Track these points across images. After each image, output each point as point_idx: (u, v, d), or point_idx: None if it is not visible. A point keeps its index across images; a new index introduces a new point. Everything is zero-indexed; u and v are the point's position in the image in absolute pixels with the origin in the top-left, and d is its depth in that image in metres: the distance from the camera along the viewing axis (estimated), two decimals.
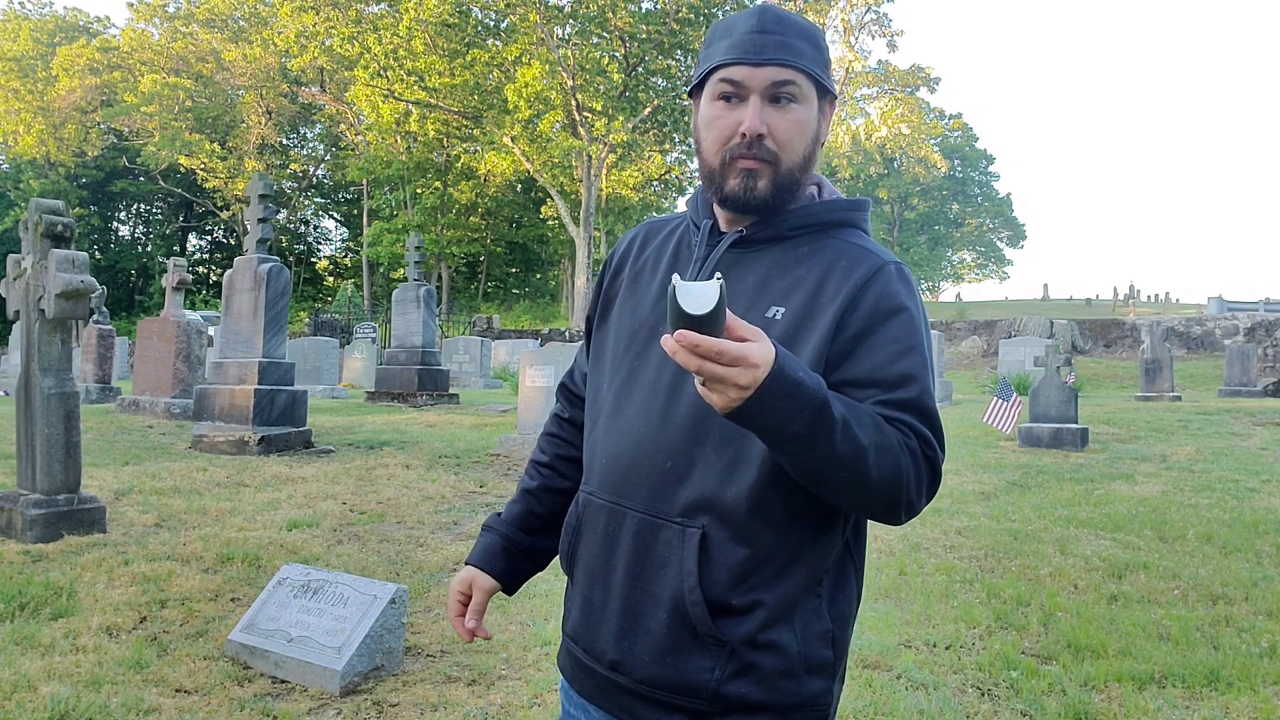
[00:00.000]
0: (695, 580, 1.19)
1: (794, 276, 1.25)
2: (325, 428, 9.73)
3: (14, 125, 41.77)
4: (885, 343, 1.19)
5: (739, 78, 1.23)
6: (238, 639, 3.41)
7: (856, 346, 1.19)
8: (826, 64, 1.29)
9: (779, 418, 1.04)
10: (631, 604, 1.24)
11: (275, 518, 5.52)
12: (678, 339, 0.97)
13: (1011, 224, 61.37)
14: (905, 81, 42.84)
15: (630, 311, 1.36)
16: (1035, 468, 8.46)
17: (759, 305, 1.24)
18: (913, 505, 1.16)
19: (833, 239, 1.29)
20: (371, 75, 33.58)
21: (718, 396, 1.02)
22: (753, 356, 1.00)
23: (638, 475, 1.25)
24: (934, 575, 4.77)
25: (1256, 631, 3.92)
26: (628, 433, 1.28)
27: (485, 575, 1.46)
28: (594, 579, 1.30)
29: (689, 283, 0.98)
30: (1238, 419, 12.59)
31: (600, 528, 1.29)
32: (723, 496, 1.19)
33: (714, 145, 1.26)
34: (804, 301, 1.22)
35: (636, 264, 1.41)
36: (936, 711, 3.09)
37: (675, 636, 1.20)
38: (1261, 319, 25.55)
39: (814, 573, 1.22)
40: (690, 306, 0.97)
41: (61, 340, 5.09)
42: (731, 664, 1.19)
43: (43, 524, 4.79)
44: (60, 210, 5.24)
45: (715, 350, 0.97)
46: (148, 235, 51.45)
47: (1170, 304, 47.67)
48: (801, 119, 1.26)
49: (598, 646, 1.28)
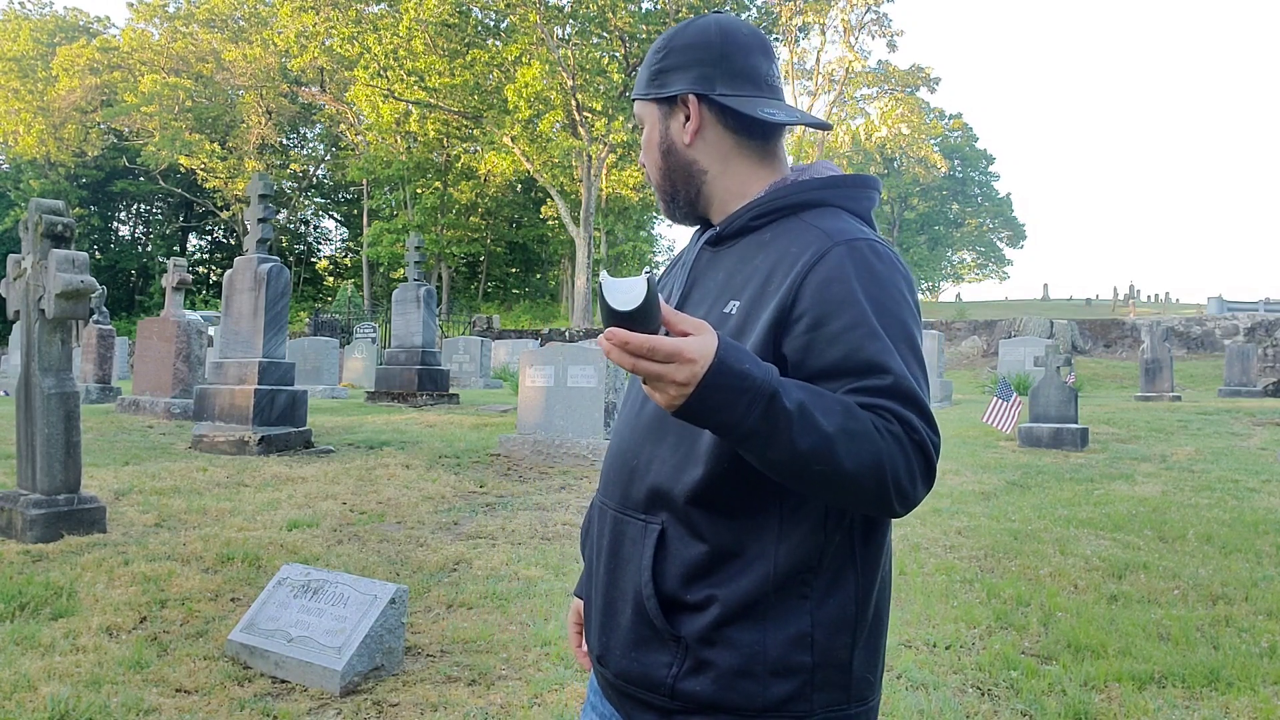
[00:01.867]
0: (649, 575, 1.19)
1: (751, 268, 1.22)
2: (325, 428, 9.73)
3: (14, 125, 41.78)
4: (841, 332, 1.11)
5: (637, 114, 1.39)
6: (238, 639, 3.41)
7: (813, 340, 1.12)
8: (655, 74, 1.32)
9: (728, 413, 0.99)
10: (608, 600, 1.27)
11: (275, 518, 5.52)
12: (607, 336, 0.96)
13: (1011, 224, 61.37)
14: (905, 81, 42.84)
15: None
16: (1035, 468, 8.46)
17: (720, 301, 1.24)
18: (906, 494, 1.07)
19: (798, 221, 1.23)
20: (371, 75, 33.59)
21: (659, 395, 1.00)
22: (688, 351, 0.96)
23: (614, 475, 1.29)
24: (934, 575, 4.78)
25: (1256, 631, 3.92)
26: (616, 435, 1.34)
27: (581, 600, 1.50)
28: (591, 576, 1.34)
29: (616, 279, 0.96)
30: (1238, 419, 12.59)
31: (597, 527, 1.33)
32: (675, 491, 1.19)
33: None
34: (754, 292, 1.19)
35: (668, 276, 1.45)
36: (936, 711, 3.09)
37: (638, 631, 1.21)
38: (1261, 319, 25.54)
39: (791, 572, 1.15)
40: (618, 303, 0.95)
41: (61, 340, 5.09)
42: (688, 660, 1.17)
43: (43, 524, 4.79)
44: (60, 210, 5.24)
45: (646, 347, 0.95)
46: (148, 235, 51.46)
47: (1170, 304, 47.67)
48: (645, 140, 1.36)
49: (591, 641, 1.32)
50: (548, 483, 7.09)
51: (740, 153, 1.30)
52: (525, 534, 5.42)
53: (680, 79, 1.29)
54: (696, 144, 1.30)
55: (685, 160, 1.31)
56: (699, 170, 1.31)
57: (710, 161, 1.30)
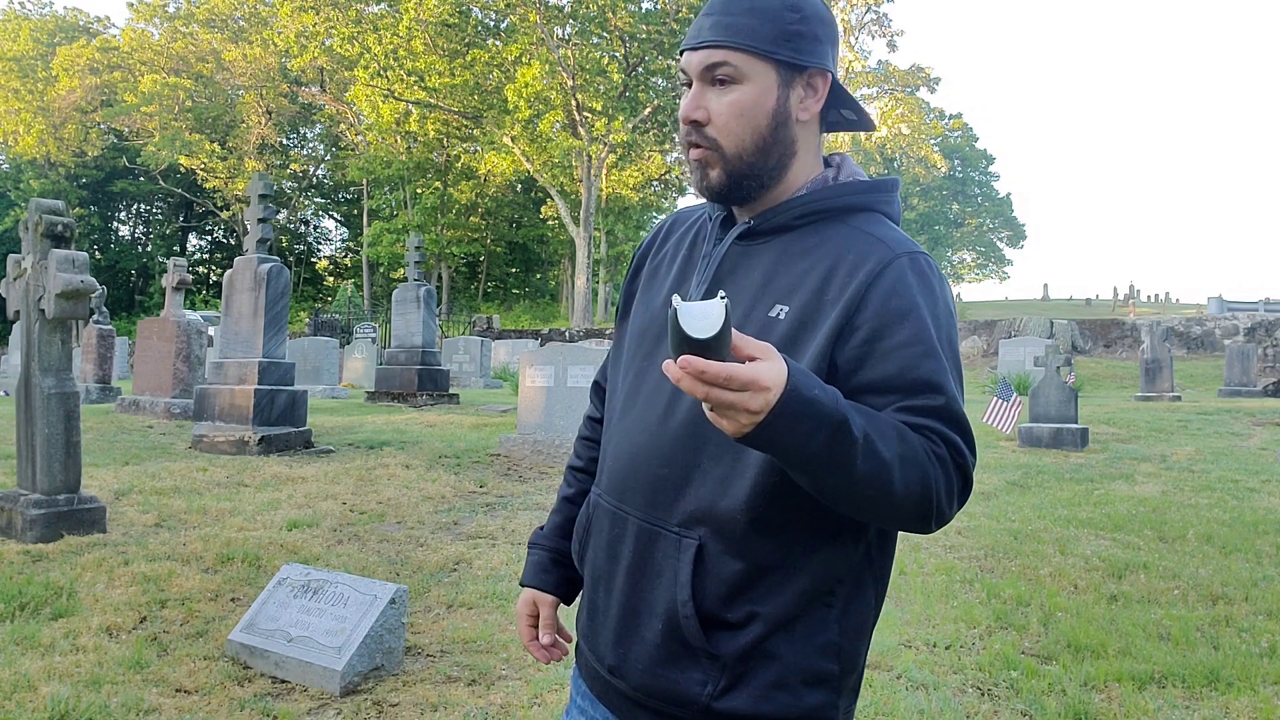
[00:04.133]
0: (689, 593, 1.14)
1: (798, 271, 1.17)
2: (325, 428, 9.73)
3: (14, 125, 41.79)
4: (899, 346, 1.10)
5: (684, 64, 1.21)
6: (238, 639, 3.41)
7: (869, 351, 1.11)
8: (788, 35, 1.17)
9: (795, 440, 0.97)
10: (629, 610, 1.21)
11: (275, 518, 5.52)
12: (682, 366, 0.90)
13: (1011, 224, 61.36)
14: (905, 81, 42.83)
15: (644, 309, 1.32)
16: (1035, 468, 8.46)
17: (762, 303, 1.17)
18: (943, 514, 1.09)
19: (845, 226, 1.20)
20: (371, 75, 33.61)
21: (728, 423, 0.95)
22: (764, 379, 0.92)
23: (637, 481, 1.21)
24: (934, 575, 4.77)
25: (1256, 631, 3.92)
26: (631, 436, 1.24)
27: (541, 592, 1.44)
28: (598, 582, 1.28)
29: (691, 303, 0.91)
30: (1238, 419, 12.59)
31: (605, 531, 1.26)
32: (719, 507, 1.14)
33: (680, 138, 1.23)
34: (808, 299, 1.14)
35: (655, 259, 1.36)
36: (936, 711, 3.09)
37: (668, 647, 1.16)
38: (1261, 319, 25.54)
39: (820, 583, 1.16)
40: (693, 330, 0.90)
41: (61, 340, 5.09)
42: (724, 678, 1.15)
43: (43, 524, 4.79)
44: (60, 210, 5.24)
45: (723, 376, 0.90)
46: (148, 235, 51.47)
47: (1170, 304, 47.67)
48: (741, 100, 1.17)
49: (599, 649, 1.27)
50: (548, 483, 7.09)
51: (814, 143, 1.25)
52: (525, 534, 5.42)
53: (815, 51, 1.20)
54: (807, 124, 1.23)
55: (790, 137, 1.21)
56: (793, 152, 1.22)
57: (802, 145, 1.23)
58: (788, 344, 1.13)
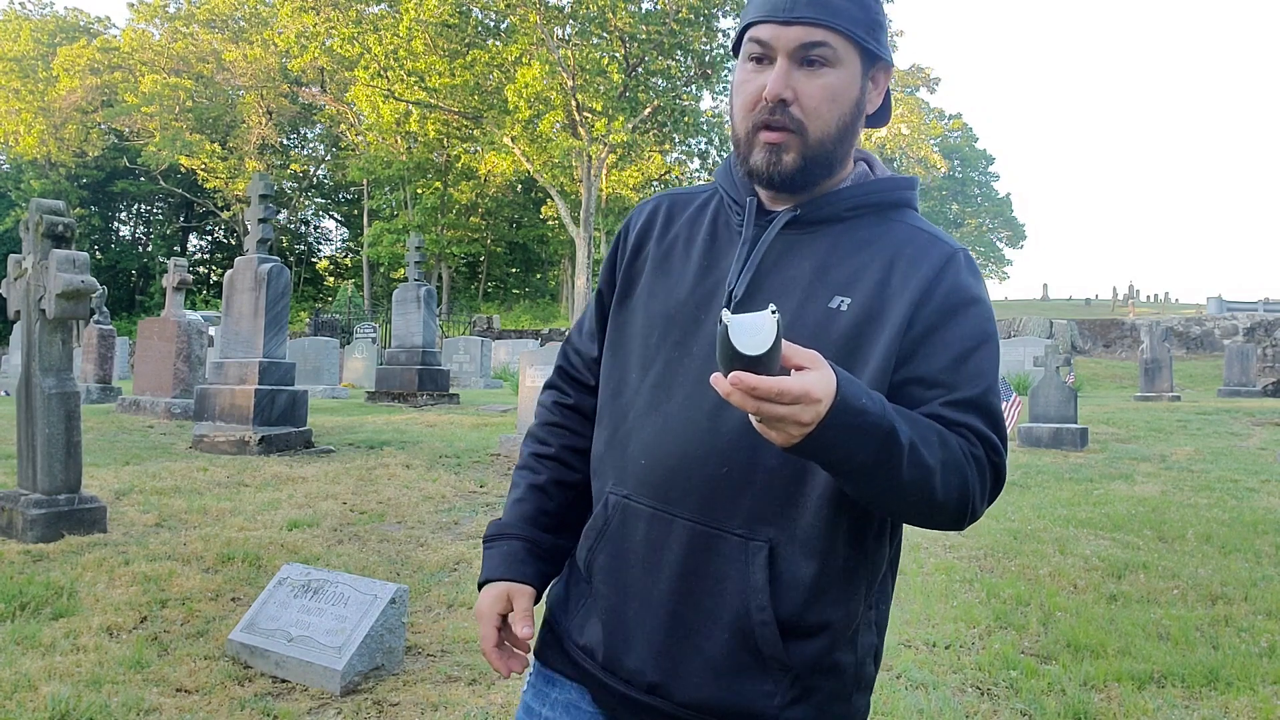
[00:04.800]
0: (766, 599, 1.09)
1: (856, 263, 1.14)
2: (325, 428, 9.74)
3: (15, 125, 41.78)
4: (957, 339, 1.11)
5: (766, 37, 1.12)
6: (238, 639, 3.42)
7: (924, 342, 1.11)
8: (874, 25, 1.15)
9: (845, 450, 0.96)
10: (680, 621, 1.12)
11: (275, 518, 5.53)
12: (734, 382, 0.88)
13: (1011, 224, 61.35)
14: (905, 81, 42.84)
15: (663, 295, 1.22)
16: (1035, 467, 8.46)
17: (819, 295, 1.13)
18: (976, 513, 1.09)
19: (894, 222, 1.19)
20: (372, 75, 33.60)
21: (778, 434, 0.93)
22: (815, 391, 0.90)
23: (687, 480, 1.12)
24: (933, 575, 4.78)
25: (1256, 631, 3.92)
26: (672, 432, 1.14)
27: (518, 584, 1.26)
28: (626, 592, 1.16)
29: (741, 317, 0.89)
30: (1237, 419, 12.59)
31: (639, 535, 1.15)
32: (791, 508, 1.10)
33: (741, 111, 1.15)
34: (871, 292, 1.12)
35: (664, 241, 1.27)
36: (936, 711, 3.09)
37: (736, 658, 1.10)
38: (1261, 319, 25.54)
39: (869, 586, 1.16)
40: (746, 346, 0.87)
41: (62, 340, 5.10)
42: (794, 689, 1.11)
43: (43, 524, 4.79)
44: (61, 210, 5.25)
45: (775, 391, 0.88)
46: (148, 235, 51.46)
47: (1170, 304, 47.67)
48: (834, 84, 1.13)
49: (628, 665, 1.15)
50: None
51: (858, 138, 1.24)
52: None
53: (886, 44, 1.19)
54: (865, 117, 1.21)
55: (859, 127, 1.19)
56: (856, 144, 1.21)
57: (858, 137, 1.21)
58: (853, 336, 1.11)
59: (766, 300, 1.09)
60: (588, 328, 1.37)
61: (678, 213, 1.29)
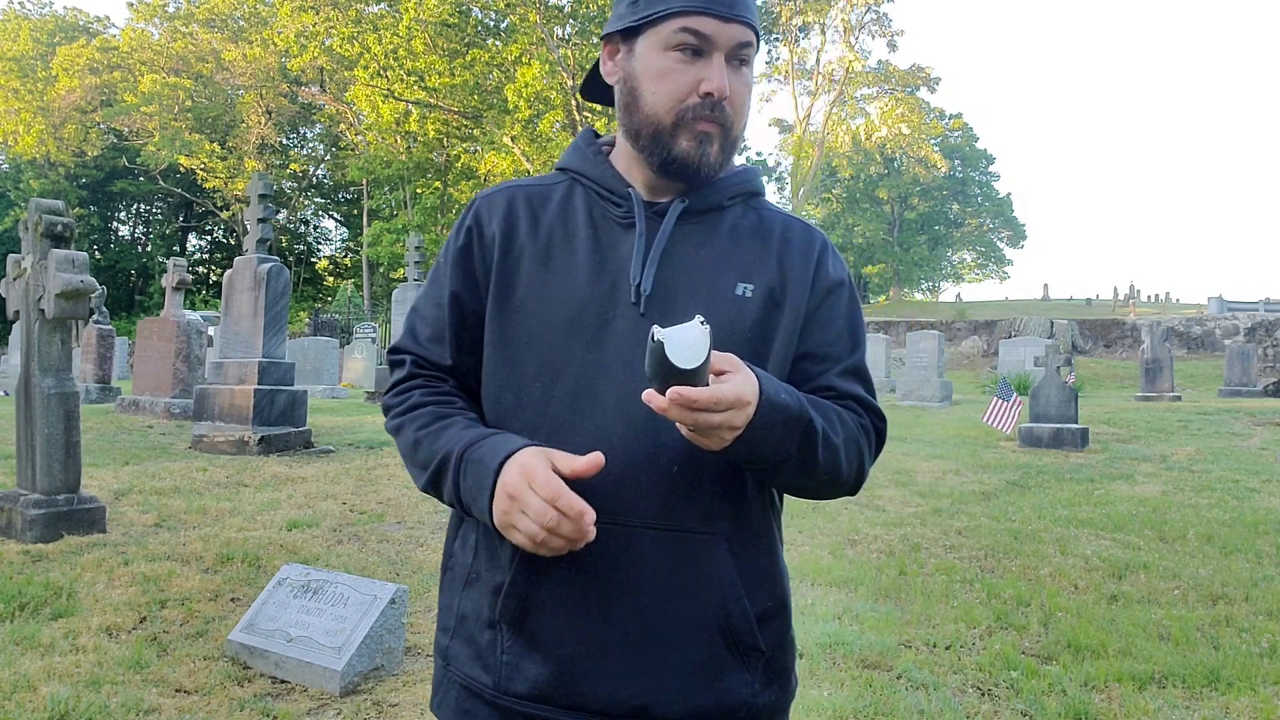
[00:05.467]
0: (740, 590, 1.10)
1: (750, 250, 1.17)
2: (325, 428, 9.73)
3: (14, 125, 41.77)
4: (838, 315, 1.20)
5: (708, 31, 1.10)
6: (238, 639, 3.41)
7: (812, 320, 1.18)
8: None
9: (771, 446, 1.01)
10: (658, 633, 1.08)
11: (275, 518, 5.52)
12: (673, 400, 0.89)
13: (1011, 224, 61.34)
14: (905, 81, 42.82)
15: (559, 295, 1.14)
16: (1035, 468, 8.46)
17: (724, 283, 1.14)
18: (865, 477, 1.18)
19: (762, 209, 1.23)
20: (371, 75, 33.60)
21: (712, 441, 0.96)
22: (746, 394, 0.94)
23: (637, 487, 1.07)
24: (934, 575, 4.77)
25: (1256, 631, 3.92)
26: (611, 440, 1.07)
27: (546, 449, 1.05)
28: (587, 618, 1.08)
29: (673, 331, 0.89)
30: (1238, 419, 12.58)
31: (593, 555, 1.06)
32: (740, 497, 1.12)
33: (668, 102, 1.11)
34: (770, 277, 1.16)
35: (538, 236, 1.18)
36: (936, 711, 3.09)
37: (717, 657, 1.10)
38: (1262, 319, 25.54)
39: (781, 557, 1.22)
40: (681, 360, 0.88)
41: (61, 340, 5.09)
42: (766, 673, 1.13)
43: (43, 524, 4.79)
44: (60, 210, 5.24)
45: (710, 400, 0.91)
46: (148, 235, 51.46)
47: (1170, 304, 47.66)
48: (750, 83, 1.17)
49: (600, 694, 1.08)
50: None
51: None
52: None
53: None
54: None
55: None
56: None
57: None
58: (762, 321, 1.14)
59: (675, 293, 1.12)
60: (430, 334, 1.22)
61: (539, 205, 1.21)
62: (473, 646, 1.14)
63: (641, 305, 1.11)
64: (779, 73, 42.91)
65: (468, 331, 1.20)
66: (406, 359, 1.22)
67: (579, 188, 1.21)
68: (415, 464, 1.15)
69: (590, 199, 1.20)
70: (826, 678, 3.37)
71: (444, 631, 1.20)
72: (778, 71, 42.86)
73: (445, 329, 1.20)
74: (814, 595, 4.42)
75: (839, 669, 3.46)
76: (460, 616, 1.17)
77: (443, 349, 1.21)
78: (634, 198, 1.17)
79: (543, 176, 1.27)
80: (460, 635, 1.16)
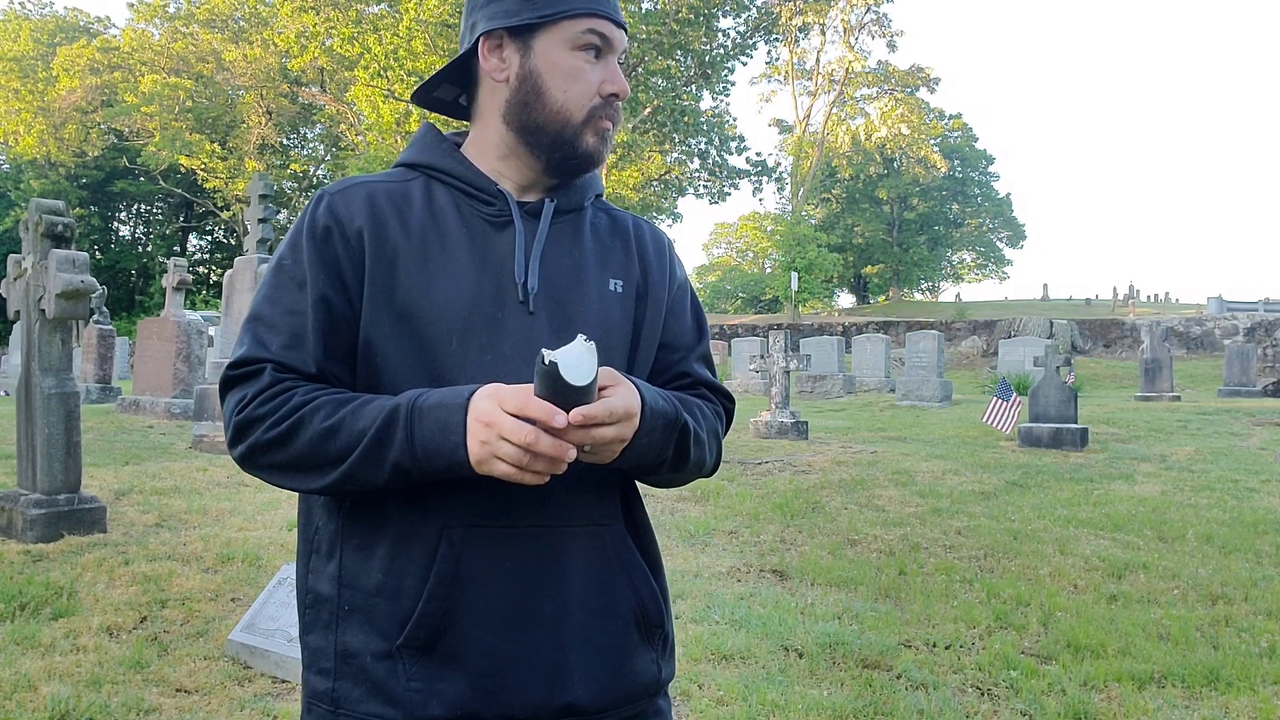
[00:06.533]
0: (647, 574, 1.15)
1: (614, 248, 1.23)
2: None
3: (14, 125, 41.77)
4: (687, 309, 1.28)
5: (610, 35, 1.14)
6: (238, 639, 3.42)
7: (670, 313, 1.25)
8: None
9: (655, 451, 1.06)
10: (579, 628, 1.08)
11: (275, 518, 5.52)
12: (574, 421, 0.91)
13: (1011, 224, 61.31)
14: (905, 82, 42.82)
15: (447, 296, 1.09)
16: (1035, 468, 8.46)
17: (598, 280, 1.18)
18: (720, 462, 1.25)
19: (610, 210, 1.28)
20: (372, 75, 33.63)
21: (603, 455, 0.99)
22: (633, 406, 0.98)
23: (546, 487, 1.01)
24: (934, 575, 4.78)
25: (1256, 631, 3.92)
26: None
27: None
28: (505, 628, 1.05)
29: (561, 351, 0.90)
30: (1237, 419, 12.59)
31: (507, 562, 1.05)
32: (630, 485, 1.18)
33: (580, 99, 1.13)
34: (636, 274, 1.22)
35: (411, 235, 1.11)
36: (936, 711, 3.09)
37: (629, 643, 1.13)
38: (1261, 319, 25.55)
39: None
40: (575, 378, 0.89)
41: (62, 340, 5.09)
42: (664, 647, 1.19)
43: (43, 524, 4.79)
44: (60, 210, 5.24)
45: (604, 414, 0.94)
46: (148, 235, 51.47)
47: (1170, 304, 47.65)
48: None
49: (530, 700, 1.05)
50: None
51: None
52: None
53: None
54: None
55: None
56: None
57: None
58: (635, 316, 1.21)
59: (557, 291, 1.14)
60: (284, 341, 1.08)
61: (402, 203, 1.14)
62: (367, 682, 1.05)
63: (530, 304, 1.12)
64: (779, 73, 42.93)
65: (336, 338, 1.09)
66: (265, 367, 1.06)
67: (438, 185, 1.17)
68: (330, 455, 1.01)
69: (455, 197, 1.16)
70: (826, 678, 3.37)
71: (322, 674, 1.08)
72: (777, 72, 42.88)
73: (307, 335, 1.08)
74: (814, 595, 4.43)
75: (839, 669, 3.46)
76: (341, 655, 1.07)
77: (304, 355, 1.07)
78: (507, 196, 1.16)
79: (388, 173, 1.20)
80: (346, 675, 1.06)
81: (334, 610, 1.08)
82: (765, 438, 10.41)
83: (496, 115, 1.17)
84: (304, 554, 1.14)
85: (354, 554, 1.07)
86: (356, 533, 1.08)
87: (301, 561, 1.14)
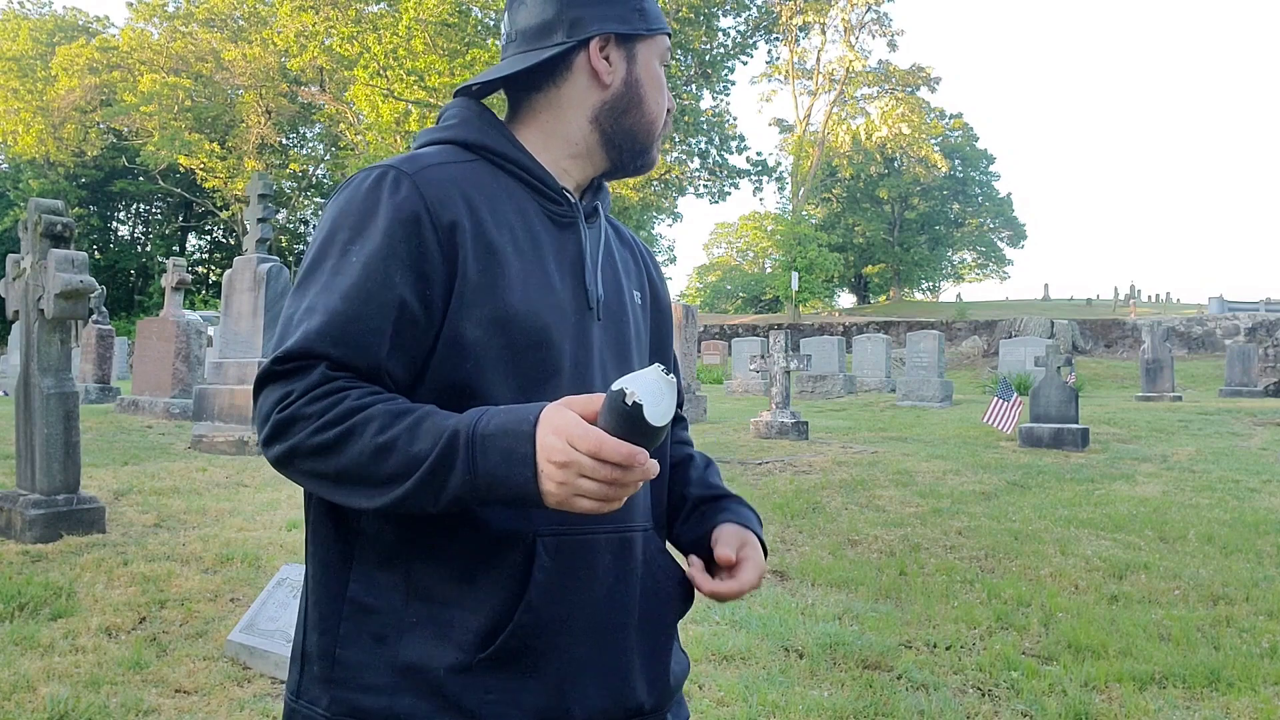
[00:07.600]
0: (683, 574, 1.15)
1: (627, 258, 1.25)
2: None
3: (13, 125, 41.76)
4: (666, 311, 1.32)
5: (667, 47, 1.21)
6: (237, 639, 3.41)
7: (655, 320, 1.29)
8: None
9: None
10: (638, 629, 1.08)
11: (275, 518, 5.52)
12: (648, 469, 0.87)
13: (1012, 224, 61.31)
14: (905, 81, 42.81)
15: (547, 302, 1.05)
16: (1036, 468, 8.45)
17: (629, 288, 1.20)
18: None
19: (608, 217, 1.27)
20: (371, 75, 33.63)
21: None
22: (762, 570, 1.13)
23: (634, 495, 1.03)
24: (934, 575, 4.77)
25: (1257, 632, 3.92)
26: None
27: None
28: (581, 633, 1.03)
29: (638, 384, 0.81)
30: (1238, 419, 12.58)
31: (595, 566, 1.04)
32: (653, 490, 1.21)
33: (661, 111, 1.17)
34: (643, 284, 1.26)
35: (503, 230, 1.05)
36: (936, 712, 3.08)
37: (671, 640, 1.16)
38: (1262, 319, 25.54)
39: None
40: (656, 418, 0.82)
41: (61, 340, 5.09)
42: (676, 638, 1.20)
43: (42, 524, 4.78)
44: (59, 210, 5.24)
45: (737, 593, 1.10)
46: (147, 235, 51.46)
47: (1171, 304, 47.65)
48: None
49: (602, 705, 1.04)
50: None
51: None
52: None
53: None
54: None
55: None
56: None
57: None
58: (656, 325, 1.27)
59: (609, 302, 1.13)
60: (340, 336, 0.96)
61: (489, 194, 1.06)
62: (437, 697, 0.97)
63: (598, 312, 1.11)
64: (779, 72, 42.92)
65: (403, 337, 0.99)
66: (317, 363, 0.95)
67: (503, 174, 1.09)
68: (380, 476, 0.91)
69: (524, 190, 1.09)
70: (827, 678, 3.37)
71: (368, 691, 0.99)
72: (778, 71, 42.87)
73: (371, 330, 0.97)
74: (814, 595, 4.42)
75: (839, 669, 3.46)
76: (402, 670, 0.98)
77: (363, 353, 0.96)
78: (576, 201, 1.13)
79: (446, 152, 1.08)
80: (408, 690, 0.98)
81: (393, 623, 0.99)
82: (765, 438, 10.41)
83: (583, 114, 1.13)
84: (334, 562, 1.03)
85: (425, 563, 0.99)
86: (428, 541, 0.99)
87: (330, 571, 1.03)
